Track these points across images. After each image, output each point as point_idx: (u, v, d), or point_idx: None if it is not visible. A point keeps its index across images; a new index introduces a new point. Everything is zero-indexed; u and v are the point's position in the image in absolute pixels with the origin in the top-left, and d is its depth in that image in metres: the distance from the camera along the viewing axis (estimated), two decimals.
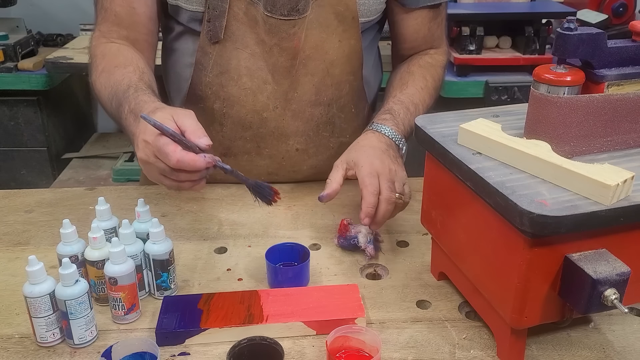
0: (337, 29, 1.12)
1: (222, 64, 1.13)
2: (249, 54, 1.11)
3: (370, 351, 0.79)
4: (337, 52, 1.15)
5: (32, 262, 0.79)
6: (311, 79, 1.15)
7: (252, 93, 1.15)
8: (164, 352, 0.81)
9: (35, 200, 1.22)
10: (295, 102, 1.17)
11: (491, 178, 0.73)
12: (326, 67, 1.15)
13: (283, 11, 1.07)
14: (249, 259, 1.02)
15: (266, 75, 1.13)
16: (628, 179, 0.68)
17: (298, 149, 1.22)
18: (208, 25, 1.09)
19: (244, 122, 1.18)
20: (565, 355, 0.81)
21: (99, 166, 2.64)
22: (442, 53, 1.27)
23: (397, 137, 1.08)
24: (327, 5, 1.10)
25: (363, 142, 1.05)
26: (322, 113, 1.20)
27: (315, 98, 1.17)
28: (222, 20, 1.08)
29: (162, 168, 0.86)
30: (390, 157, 1.03)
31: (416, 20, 1.20)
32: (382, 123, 1.09)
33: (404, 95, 1.15)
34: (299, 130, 1.20)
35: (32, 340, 0.83)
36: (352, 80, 1.20)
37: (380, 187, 0.98)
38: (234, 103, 1.16)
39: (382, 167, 0.99)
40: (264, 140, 1.20)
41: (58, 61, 2.30)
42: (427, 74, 1.20)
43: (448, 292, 0.94)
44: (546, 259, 0.70)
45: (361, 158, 1.01)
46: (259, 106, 1.16)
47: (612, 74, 0.77)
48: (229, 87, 1.14)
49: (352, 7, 1.11)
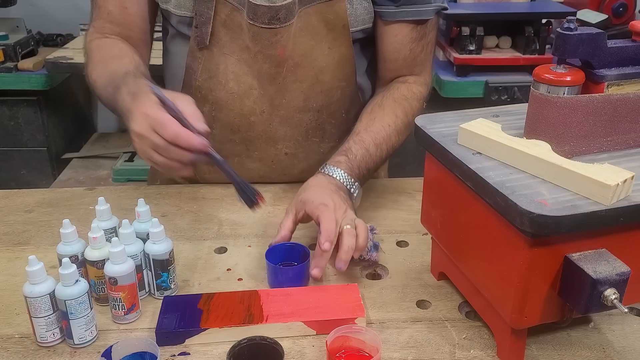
0: (326, 37, 1.11)
1: (210, 69, 1.13)
2: (236, 59, 1.12)
3: (370, 351, 0.79)
4: (327, 59, 1.14)
5: (32, 262, 0.79)
6: (300, 86, 1.15)
7: (239, 97, 1.15)
8: (164, 352, 0.81)
9: (35, 200, 1.22)
10: (283, 107, 1.16)
11: (491, 178, 0.73)
12: (315, 74, 1.14)
13: (264, 19, 1.06)
14: (249, 259, 1.02)
15: (252, 81, 1.13)
16: (628, 179, 0.68)
17: (287, 153, 1.22)
18: (195, 30, 1.10)
19: (232, 126, 1.18)
20: (565, 355, 0.81)
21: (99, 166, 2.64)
22: (422, 84, 1.20)
23: (349, 181, 1.04)
24: (315, 13, 1.09)
25: (312, 183, 1.02)
26: (312, 119, 1.19)
27: (304, 104, 1.17)
28: (207, 26, 1.08)
29: (156, 142, 0.86)
30: (340, 197, 0.98)
31: (396, 37, 1.15)
32: (335, 166, 1.04)
33: (368, 133, 1.10)
34: (287, 135, 1.20)
35: (32, 340, 0.84)
36: (344, 86, 1.18)
37: (336, 218, 0.93)
38: (222, 107, 1.16)
39: (332, 204, 0.96)
40: (253, 143, 1.20)
41: (58, 61, 2.30)
42: (399, 109, 1.14)
43: (448, 292, 0.94)
44: (546, 259, 0.70)
45: (310, 196, 0.98)
46: (246, 110, 1.16)
47: (612, 74, 0.77)
48: (217, 91, 1.15)
49: (342, 16, 1.10)
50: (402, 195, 1.23)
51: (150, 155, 0.89)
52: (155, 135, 0.86)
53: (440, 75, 2.14)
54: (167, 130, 0.84)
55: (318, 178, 1.03)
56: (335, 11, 1.10)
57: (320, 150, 1.23)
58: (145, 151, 0.89)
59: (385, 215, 1.16)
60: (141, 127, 0.87)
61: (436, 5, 1.14)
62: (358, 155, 1.07)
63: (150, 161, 0.90)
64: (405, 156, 1.16)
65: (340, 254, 0.91)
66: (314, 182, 1.03)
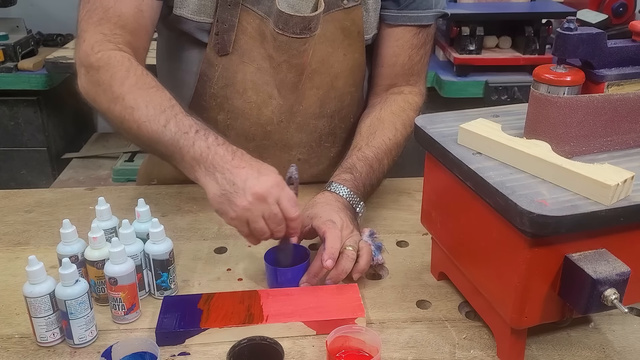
0: (342, 43, 1.12)
1: (227, 77, 1.12)
2: (256, 68, 1.11)
3: (370, 351, 0.79)
4: (342, 66, 1.14)
5: (32, 262, 0.79)
6: (316, 92, 1.15)
7: (257, 107, 1.14)
8: (164, 352, 0.81)
9: (35, 200, 1.22)
10: (300, 115, 1.17)
11: (491, 178, 0.73)
12: (331, 81, 1.15)
13: (295, 30, 1.05)
14: (249, 259, 1.02)
15: (272, 90, 1.13)
16: (628, 179, 0.68)
17: (300, 159, 1.22)
18: (216, 38, 1.07)
19: (247, 134, 1.17)
20: (565, 355, 0.81)
21: (99, 166, 2.63)
22: (418, 94, 1.20)
23: (355, 200, 1.03)
24: (334, 20, 1.10)
25: (320, 200, 1.01)
26: (325, 125, 1.20)
27: (320, 111, 1.17)
28: (231, 34, 1.07)
29: (275, 213, 0.87)
30: (347, 216, 0.98)
31: (397, 41, 1.16)
32: (342, 184, 1.03)
33: (370, 149, 1.10)
34: (302, 141, 1.20)
35: (32, 340, 0.84)
36: (353, 91, 1.19)
37: (342, 237, 0.93)
38: (238, 115, 1.15)
39: (340, 222, 0.95)
40: (267, 151, 1.19)
41: (58, 61, 2.29)
42: (398, 122, 1.14)
43: (448, 292, 0.94)
44: (546, 259, 0.70)
45: (318, 212, 0.97)
46: (264, 120, 1.15)
47: (612, 74, 0.77)
48: (234, 100, 1.13)
49: (358, 22, 1.11)
50: (402, 195, 1.23)
51: (255, 220, 0.88)
52: (276, 207, 0.87)
53: (440, 75, 2.14)
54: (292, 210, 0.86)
55: (325, 196, 1.03)
56: (352, 18, 1.10)
57: (331, 155, 1.24)
58: (255, 216, 0.87)
59: (385, 215, 1.16)
60: (268, 193, 0.86)
61: (437, 10, 1.15)
62: (363, 172, 1.07)
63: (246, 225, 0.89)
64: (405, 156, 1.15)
65: (332, 274, 0.91)
66: (321, 199, 1.02)
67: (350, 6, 1.10)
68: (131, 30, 1.03)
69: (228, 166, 0.89)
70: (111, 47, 1.01)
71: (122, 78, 0.97)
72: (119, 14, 1.01)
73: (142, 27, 1.04)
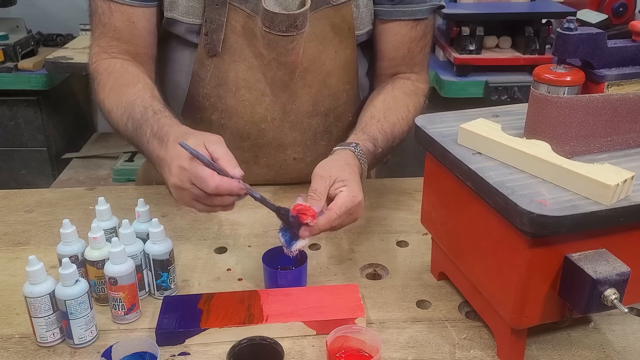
0: (333, 40, 1.12)
1: (219, 76, 1.12)
2: (247, 66, 1.11)
3: (370, 351, 0.79)
4: (334, 63, 1.14)
5: (32, 262, 0.79)
6: (308, 91, 1.15)
7: (250, 105, 1.14)
8: (164, 352, 0.81)
9: (35, 200, 1.22)
10: (293, 113, 1.17)
11: (491, 178, 0.73)
12: (323, 78, 1.15)
13: (281, 27, 1.05)
14: (249, 259, 1.02)
15: (264, 88, 1.13)
16: (628, 179, 0.68)
17: (295, 158, 1.22)
18: (205, 38, 1.08)
19: (242, 133, 1.17)
20: (565, 355, 0.81)
21: (99, 166, 2.63)
22: (424, 81, 1.22)
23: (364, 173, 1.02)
24: (323, 18, 1.09)
25: (352, 163, 0.98)
26: (320, 123, 1.20)
27: (313, 109, 1.17)
28: (219, 33, 1.07)
29: (197, 194, 0.86)
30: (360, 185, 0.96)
31: (395, 36, 1.16)
32: (365, 154, 1.02)
33: (388, 124, 1.10)
34: (296, 140, 1.20)
35: (32, 340, 0.84)
36: (348, 89, 1.19)
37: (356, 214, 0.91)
38: (231, 114, 1.15)
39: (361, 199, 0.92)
40: (262, 150, 1.20)
41: (58, 61, 2.29)
42: (410, 103, 1.15)
43: (448, 292, 0.94)
44: (546, 259, 0.70)
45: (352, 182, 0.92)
46: (257, 118, 1.16)
47: (612, 74, 0.77)
48: (227, 99, 1.14)
49: (349, 19, 1.11)
50: (402, 195, 1.23)
51: (191, 204, 0.89)
52: (196, 188, 0.86)
53: (440, 75, 2.14)
54: (207, 184, 0.84)
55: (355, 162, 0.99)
56: (342, 15, 1.10)
57: (327, 153, 1.23)
58: (187, 202, 0.89)
59: (385, 215, 1.16)
60: (181, 181, 0.86)
61: (431, 4, 1.14)
62: (384, 149, 1.08)
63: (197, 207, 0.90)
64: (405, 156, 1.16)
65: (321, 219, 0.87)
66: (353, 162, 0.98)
67: (339, 3, 1.10)
68: (127, 41, 1.11)
69: (156, 160, 0.94)
70: (105, 57, 1.10)
71: (103, 84, 1.07)
72: (114, 29, 1.10)
73: (138, 36, 1.11)
